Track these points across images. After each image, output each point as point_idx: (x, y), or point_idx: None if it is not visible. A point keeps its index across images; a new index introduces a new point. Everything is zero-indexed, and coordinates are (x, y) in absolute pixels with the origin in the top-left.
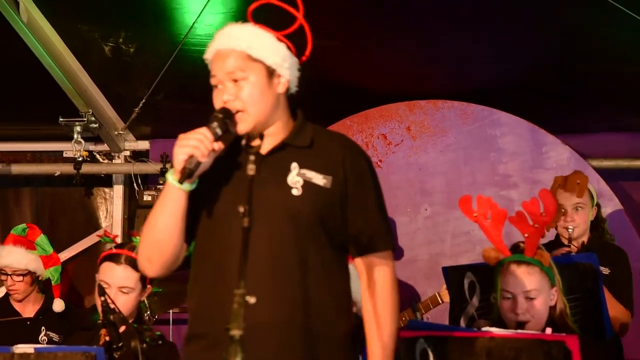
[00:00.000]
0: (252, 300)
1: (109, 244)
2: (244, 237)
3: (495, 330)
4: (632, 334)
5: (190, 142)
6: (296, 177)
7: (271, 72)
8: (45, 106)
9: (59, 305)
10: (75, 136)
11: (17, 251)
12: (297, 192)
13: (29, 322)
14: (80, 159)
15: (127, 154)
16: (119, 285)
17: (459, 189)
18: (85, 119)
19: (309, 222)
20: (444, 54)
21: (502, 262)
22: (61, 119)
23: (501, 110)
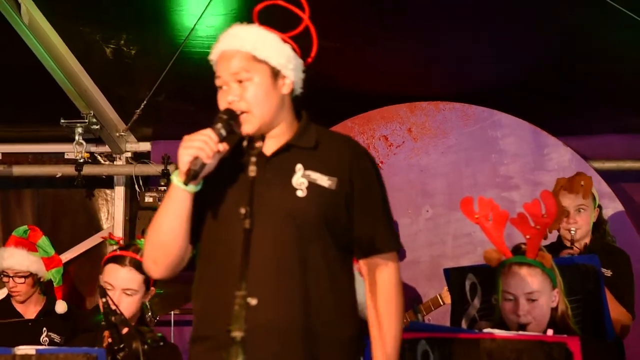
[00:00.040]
0: (253, 301)
1: (114, 246)
2: (245, 238)
3: (496, 331)
4: (632, 337)
5: (194, 143)
6: (301, 179)
7: (276, 73)
8: (46, 108)
9: (61, 306)
10: (76, 138)
11: (19, 253)
12: (302, 194)
13: (31, 324)
14: (81, 160)
15: (129, 155)
16: (123, 287)
17: (460, 190)
18: (86, 121)
19: (314, 224)
20: (444, 54)
21: (503, 263)
22: (62, 121)
23: (501, 110)
